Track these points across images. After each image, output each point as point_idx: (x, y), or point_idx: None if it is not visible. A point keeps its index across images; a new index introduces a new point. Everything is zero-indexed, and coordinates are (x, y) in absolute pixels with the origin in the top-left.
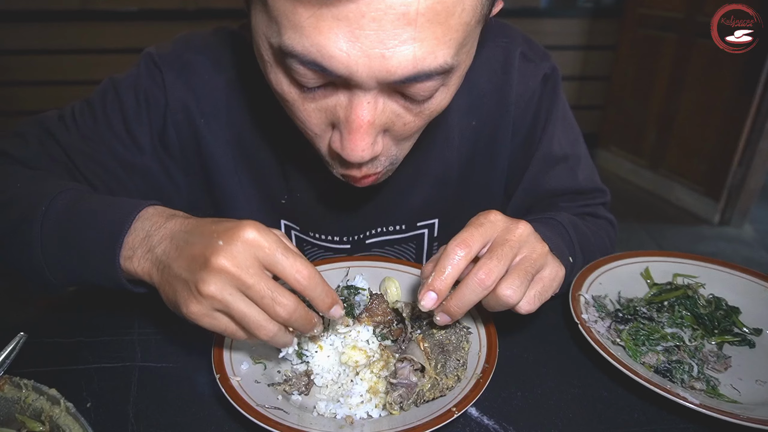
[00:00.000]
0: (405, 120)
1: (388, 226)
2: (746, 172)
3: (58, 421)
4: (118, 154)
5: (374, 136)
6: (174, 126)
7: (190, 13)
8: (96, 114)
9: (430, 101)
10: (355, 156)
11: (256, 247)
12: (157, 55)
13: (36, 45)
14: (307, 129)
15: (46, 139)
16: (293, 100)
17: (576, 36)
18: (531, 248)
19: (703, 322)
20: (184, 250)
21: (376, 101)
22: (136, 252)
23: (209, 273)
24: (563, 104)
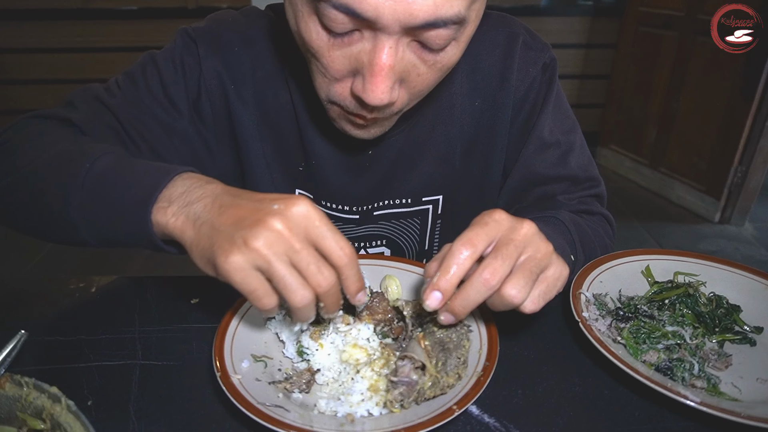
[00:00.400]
0: (420, 71)
1: (395, 199)
2: (747, 171)
3: (59, 419)
4: (160, 118)
5: (393, 81)
6: (207, 94)
7: (190, 11)
8: (137, 82)
9: (442, 53)
10: (375, 98)
11: (309, 219)
12: (192, 30)
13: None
14: (329, 75)
15: (94, 104)
16: (319, 47)
17: (576, 34)
18: (535, 248)
19: (704, 321)
20: (228, 209)
21: (397, 47)
22: (172, 204)
23: (262, 229)
24: (558, 94)
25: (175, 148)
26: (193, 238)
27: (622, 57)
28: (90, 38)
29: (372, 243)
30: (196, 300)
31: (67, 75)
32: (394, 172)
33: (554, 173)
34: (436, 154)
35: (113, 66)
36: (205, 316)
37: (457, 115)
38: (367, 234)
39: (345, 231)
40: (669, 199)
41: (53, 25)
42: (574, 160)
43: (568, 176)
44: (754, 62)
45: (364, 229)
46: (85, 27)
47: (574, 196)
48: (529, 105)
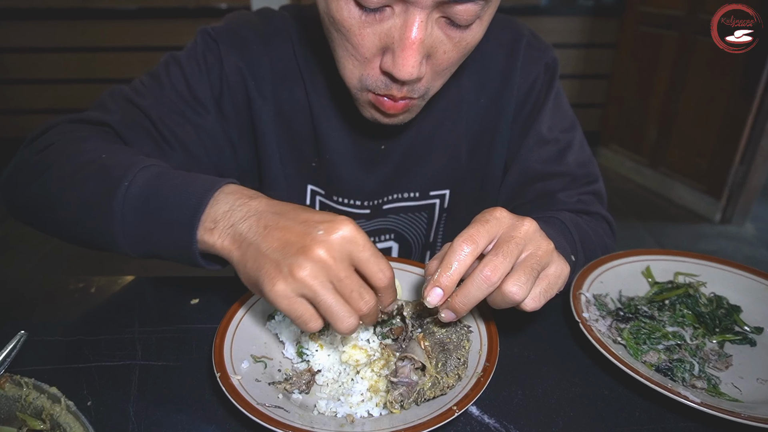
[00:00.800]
0: (445, 48)
1: (404, 193)
2: (747, 170)
3: (59, 419)
4: (188, 116)
5: (422, 56)
6: (229, 89)
7: (190, 11)
8: (162, 82)
9: (467, 30)
10: (405, 72)
11: (353, 243)
12: (212, 29)
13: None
14: (359, 54)
15: (127, 106)
16: (351, 26)
17: (577, 34)
18: (536, 245)
19: (705, 321)
20: (274, 231)
21: (427, 22)
22: (217, 225)
23: (306, 259)
24: (558, 93)
25: (204, 145)
26: (239, 258)
27: (622, 57)
28: (90, 38)
29: (381, 237)
30: (196, 301)
31: (67, 74)
32: (404, 166)
33: (551, 169)
34: (444, 149)
35: (113, 65)
36: (205, 316)
37: (464, 111)
38: (377, 228)
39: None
40: (669, 199)
41: (53, 25)
42: (572, 157)
43: (565, 173)
44: (755, 62)
45: (374, 224)
46: (84, 26)
47: (573, 193)
48: (530, 103)
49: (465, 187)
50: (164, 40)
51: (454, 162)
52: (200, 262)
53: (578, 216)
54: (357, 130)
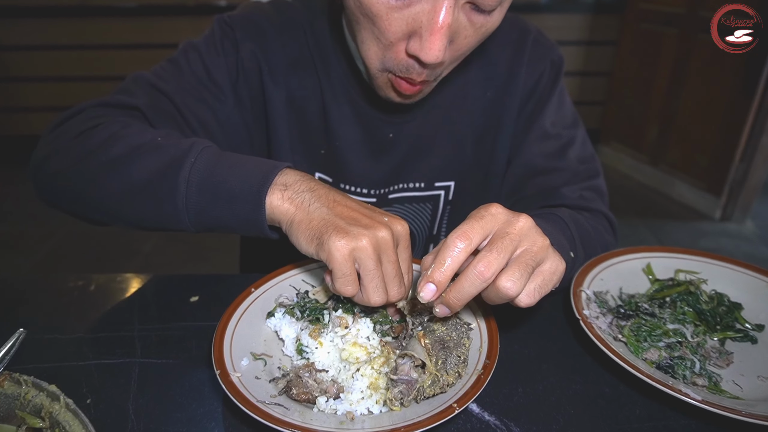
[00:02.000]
0: (467, 33)
1: (409, 183)
2: (748, 168)
3: (58, 417)
4: (206, 100)
5: (448, 40)
6: (245, 74)
7: (190, 8)
8: (181, 68)
9: (490, 16)
10: (432, 55)
11: (405, 240)
12: (228, 17)
13: (36, 41)
14: (385, 38)
15: (152, 91)
16: (379, 11)
17: (577, 31)
18: (531, 241)
19: (705, 318)
20: (342, 206)
21: (454, 7)
22: (288, 189)
23: (373, 231)
24: (562, 90)
25: (223, 129)
26: (303, 218)
27: (623, 54)
28: (89, 35)
29: None
30: (196, 298)
31: (67, 72)
32: (411, 156)
33: (552, 164)
34: (450, 141)
35: (113, 63)
36: (204, 314)
37: (470, 104)
38: None
39: None
40: (670, 196)
41: (52, 23)
42: (574, 154)
43: (566, 168)
44: (755, 59)
45: None
46: (85, 24)
47: (575, 188)
48: (535, 98)
49: (469, 179)
50: (164, 37)
51: (459, 154)
52: (265, 224)
53: (578, 213)
54: (366, 119)
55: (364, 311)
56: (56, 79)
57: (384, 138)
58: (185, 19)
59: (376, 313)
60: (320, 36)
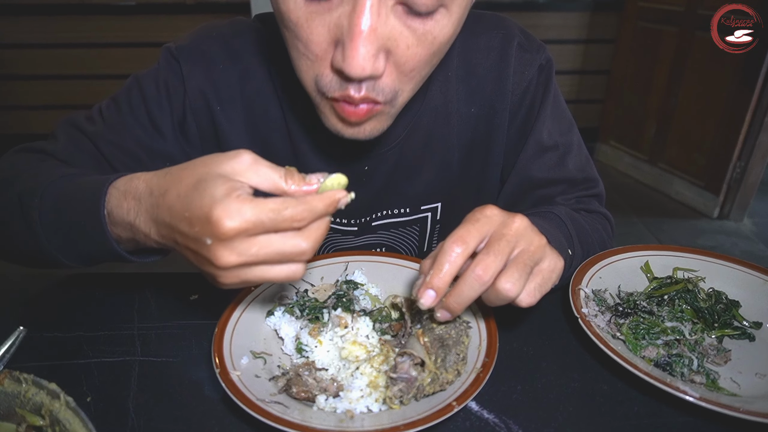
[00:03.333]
0: (408, 42)
1: (393, 209)
2: (746, 166)
3: (58, 415)
4: (142, 141)
5: (376, 47)
6: (193, 113)
7: (188, 6)
8: (121, 106)
9: (430, 22)
10: (356, 65)
11: (247, 204)
12: (175, 48)
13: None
14: (309, 51)
15: (73, 133)
16: (297, 18)
17: (576, 29)
18: (528, 241)
19: (703, 316)
20: (175, 242)
21: (379, 8)
22: (116, 225)
23: (217, 270)
24: (555, 94)
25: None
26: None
27: (621, 52)
28: (88, 33)
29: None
30: (195, 296)
31: (66, 70)
32: (392, 183)
33: (552, 176)
34: (434, 163)
35: (111, 61)
36: (204, 312)
37: (454, 122)
38: (366, 243)
39: (344, 242)
40: (668, 194)
41: (51, 20)
42: (572, 162)
43: (565, 178)
44: (754, 58)
45: (364, 239)
46: (83, 22)
47: (571, 196)
48: (525, 108)
49: (458, 198)
50: (162, 35)
51: (445, 175)
52: (121, 253)
53: (577, 212)
54: (338, 150)
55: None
56: (55, 77)
57: (359, 171)
58: (184, 17)
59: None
60: (282, 61)
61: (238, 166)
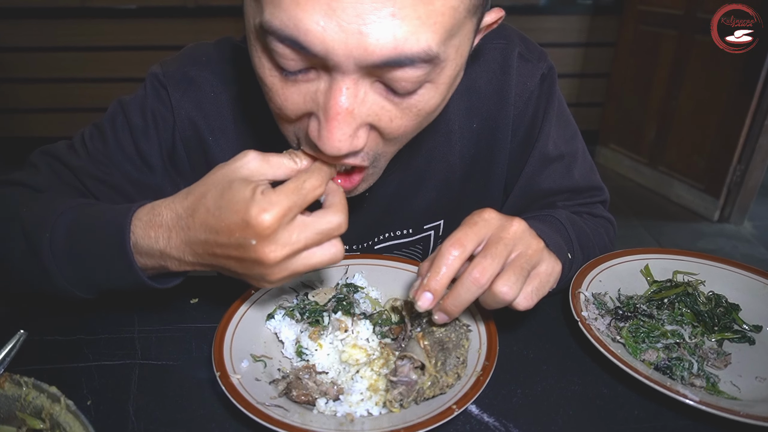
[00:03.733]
0: (391, 116)
1: (396, 231)
2: (746, 169)
3: (59, 418)
4: (130, 175)
5: (354, 128)
6: (183, 143)
7: (189, 10)
8: (106, 137)
9: (415, 97)
10: (330, 147)
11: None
12: (162, 74)
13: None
14: (284, 115)
15: (56, 166)
16: (272, 84)
17: (576, 33)
18: (526, 245)
19: (703, 319)
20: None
21: (357, 88)
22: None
23: (267, 269)
24: (559, 102)
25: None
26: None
27: (621, 55)
28: (89, 37)
29: None
30: (196, 300)
31: (66, 74)
32: (393, 206)
33: (558, 186)
34: (435, 181)
35: (111, 65)
36: (205, 315)
37: (456, 139)
38: None
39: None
40: (668, 197)
41: (52, 24)
42: (578, 171)
43: (571, 188)
44: (754, 60)
45: None
46: (84, 26)
47: (574, 203)
48: (528, 119)
49: (460, 214)
50: (164, 39)
51: (446, 192)
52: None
53: (578, 215)
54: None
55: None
56: (55, 81)
57: (360, 196)
58: (185, 21)
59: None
60: None
61: (252, 166)
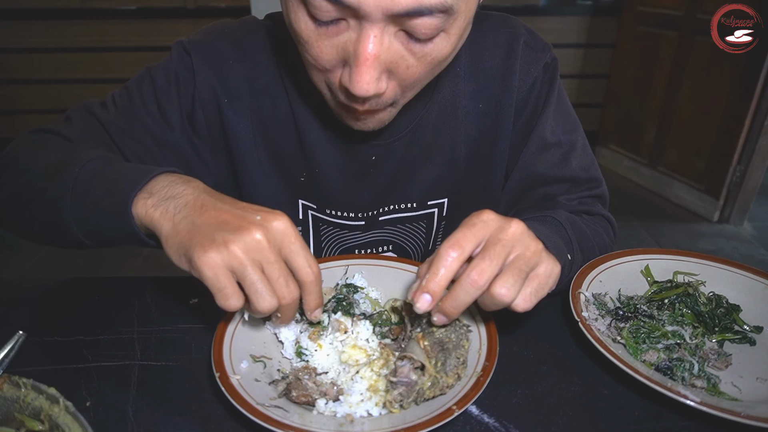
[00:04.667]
0: (408, 63)
1: (400, 204)
2: (746, 170)
3: (58, 420)
4: (152, 131)
5: (379, 71)
6: (201, 107)
7: (189, 11)
8: (132, 96)
9: (431, 44)
10: (360, 89)
11: (286, 235)
12: (188, 42)
13: (35, 43)
14: (319, 65)
15: (88, 119)
16: (308, 37)
17: (575, 34)
18: (524, 246)
19: (704, 320)
20: (210, 210)
21: (382, 37)
22: (152, 196)
23: (243, 235)
24: (560, 93)
25: (167, 160)
26: (170, 230)
27: (620, 56)
28: (89, 38)
29: (379, 248)
30: (195, 300)
31: (66, 75)
32: (399, 176)
33: (555, 173)
34: (441, 158)
35: (112, 66)
36: (204, 316)
37: (462, 118)
38: (374, 240)
39: (351, 238)
40: (668, 198)
41: (52, 25)
42: (576, 161)
43: (569, 177)
44: (754, 61)
45: (371, 235)
46: (84, 27)
47: (574, 196)
48: (530, 106)
49: (464, 194)
50: (164, 40)
51: (452, 170)
52: (138, 232)
53: (578, 215)
54: (345, 141)
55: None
56: (55, 82)
57: (367, 160)
58: (185, 21)
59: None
60: (291, 58)
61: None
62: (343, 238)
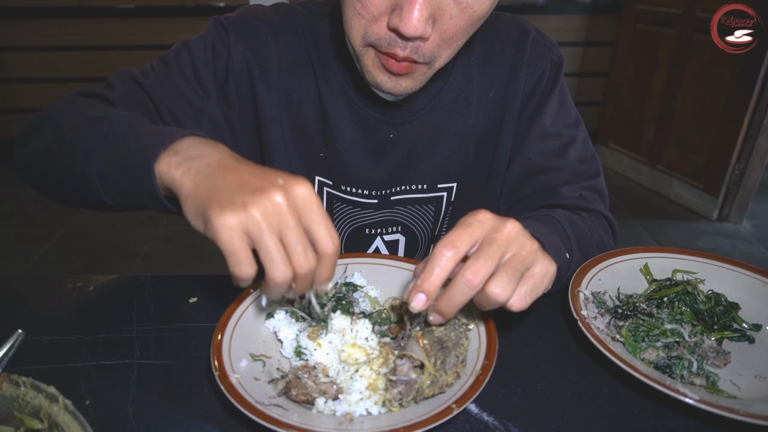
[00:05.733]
0: (452, 12)
1: (411, 185)
2: (745, 168)
3: (57, 418)
4: (189, 98)
5: (428, 12)
6: (234, 77)
7: (188, 9)
8: (170, 64)
9: None
10: (411, 26)
11: (308, 201)
12: (225, 18)
13: (34, 42)
14: (367, 12)
15: (129, 83)
16: None
17: (575, 32)
18: (520, 246)
19: (703, 318)
20: (232, 172)
21: None
22: (177, 155)
23: (263, 198)
24: (563, 90)
25: (201, 126)
26: (190, 189)
27: (620, 55)
28: (88, 36)
29: (388, 229)
30: (194, 299)
31: (65, 73)
32: (413, 156)
33: (552, 163)
34: (453, 142)
35: (111, 64)
36: (203, 315)
37: (473, 105)
38: (384, 219)
39: (363, 216)
40: (667, 196)
41: (51, 24)
42: (574, 153)
43: (566, 168)
44: (753, 60)
45: (382, 215)
46: (82, 25)
47: (575, 187)
48: (536, 98)
49: (472, 180)
50: (162, 38)
51: (462, 155)
52: (157, 191)
53: (575, 213)
54: (366, 119)
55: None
56: (54, 80)
57: (384, 138)
58: (183, 20)
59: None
60: (320, 39)
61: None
62: (355, 217)
